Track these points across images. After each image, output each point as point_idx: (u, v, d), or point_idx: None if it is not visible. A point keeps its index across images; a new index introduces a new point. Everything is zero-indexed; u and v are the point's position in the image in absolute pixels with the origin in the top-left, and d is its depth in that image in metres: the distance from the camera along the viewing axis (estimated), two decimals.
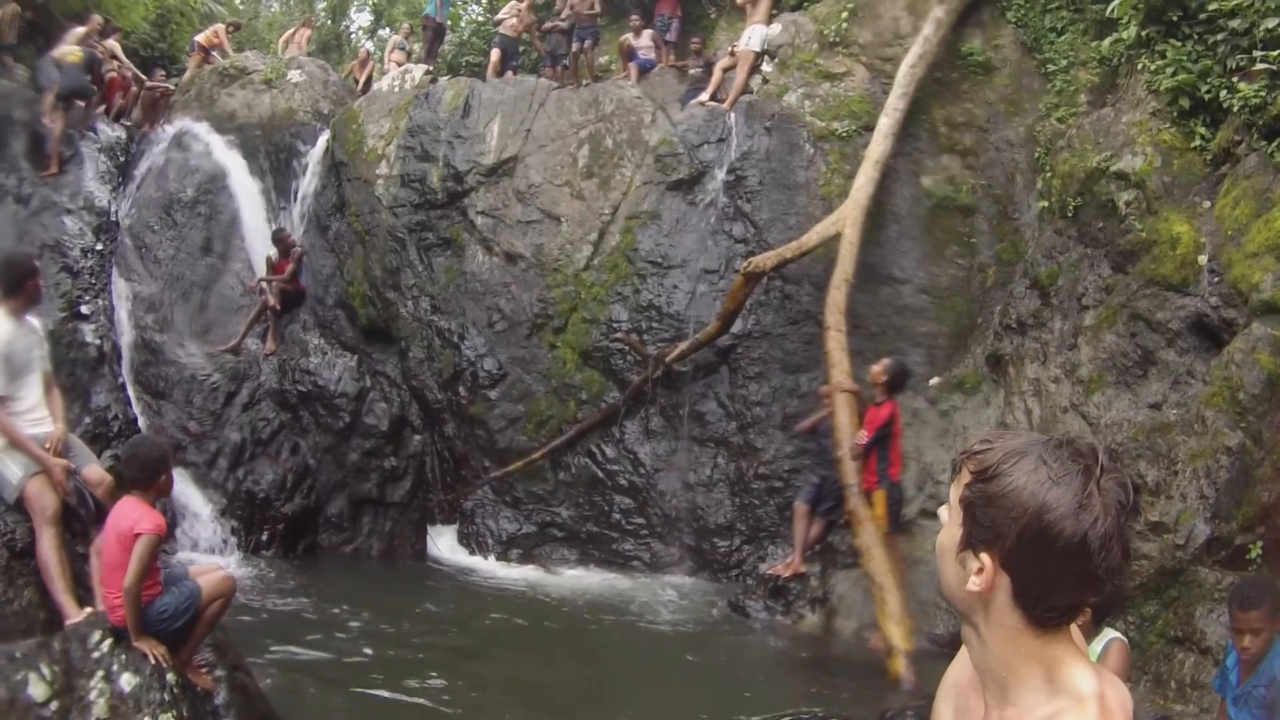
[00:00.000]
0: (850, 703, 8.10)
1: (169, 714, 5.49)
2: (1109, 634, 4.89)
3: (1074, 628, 1.94)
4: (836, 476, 10.22)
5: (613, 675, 9.21)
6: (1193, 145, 9.58)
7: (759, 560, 11.62)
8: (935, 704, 2.16)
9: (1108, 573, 1.75)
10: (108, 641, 5.59)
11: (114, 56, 15.89)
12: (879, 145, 11.96)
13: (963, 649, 2.04)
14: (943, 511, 1.96)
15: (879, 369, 9.84)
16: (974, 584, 1.81)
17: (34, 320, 6.75)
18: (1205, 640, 7.21)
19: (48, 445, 6.37)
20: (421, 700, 8.03)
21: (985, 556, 1.79)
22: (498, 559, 12.55)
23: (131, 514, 5.45)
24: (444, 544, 12.80)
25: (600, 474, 12.67)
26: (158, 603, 5.61)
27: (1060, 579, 1.76)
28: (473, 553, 12.73)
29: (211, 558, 10.39)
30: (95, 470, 6.63)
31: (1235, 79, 9.25)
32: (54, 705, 5.38)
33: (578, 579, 12.00)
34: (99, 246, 12.15)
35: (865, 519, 9.64)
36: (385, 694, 8.06)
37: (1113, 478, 1.76)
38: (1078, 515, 1.72)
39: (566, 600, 11.14)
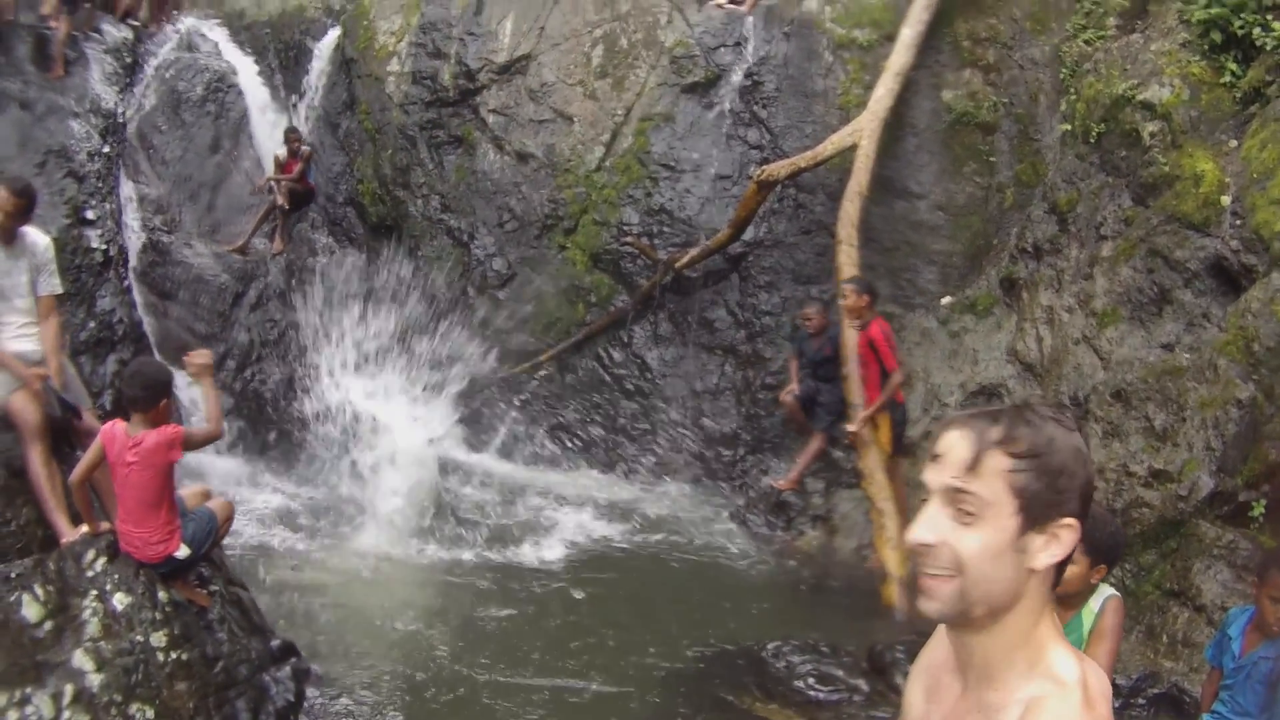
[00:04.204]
0: (843, 628, 8.16)
1: (161, 632, 5.54)
2: (1106, 590, 4.80)
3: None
4: (826, 389, 10.37)
5: (609, 583, 9.33)
6: (1222, 81, 9.24)
7: (762, 472, 11.63)
8: (908, 686, 2.17)
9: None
10: (101, 560, 5.62)
11: None
12: (900, 56, 11.62)
13: (939, 634, 2.05)
14: (922, 529, 1.87)
15: (850, 289, 9.74)
16: (1051, 556, 1.82)
17: (37, 239, 6.55)
18: (1201, 597, 7.10)
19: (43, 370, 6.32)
20: (412, 607, 8.19)
21: (1067, 521, 1.81)
22: (502, 458, 12.53)
23: (158, 449, 5.43)
24: (447, 442, 12.81)
25: (607, 377, 12.63)
26: (185, 536, 5.65)
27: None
28: (476, 451, 12.73)
29: (214, 458, 10.45)
30: (89, 418, 6.58)
31: (1270, 17, 8.90)
32: (48, 625, 5.43)
33: (581, 481, 12.02)
34: (105, 149, 11.85)
35: (869, 442, 9.65)
36: (379, 601, 8.18)
37: None
38: (1089, 462, 1.85)
39: (569, 503, 11.19)
